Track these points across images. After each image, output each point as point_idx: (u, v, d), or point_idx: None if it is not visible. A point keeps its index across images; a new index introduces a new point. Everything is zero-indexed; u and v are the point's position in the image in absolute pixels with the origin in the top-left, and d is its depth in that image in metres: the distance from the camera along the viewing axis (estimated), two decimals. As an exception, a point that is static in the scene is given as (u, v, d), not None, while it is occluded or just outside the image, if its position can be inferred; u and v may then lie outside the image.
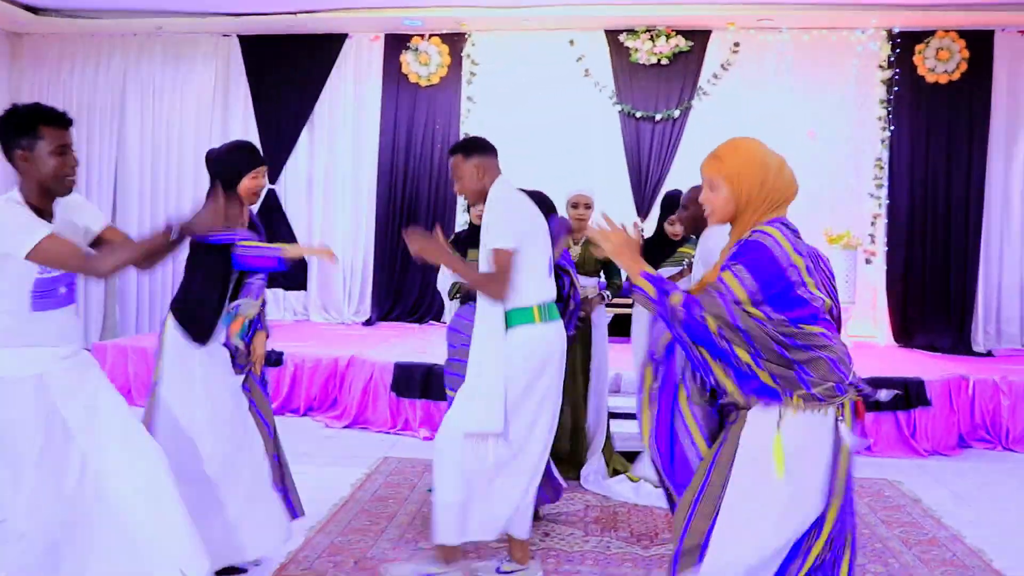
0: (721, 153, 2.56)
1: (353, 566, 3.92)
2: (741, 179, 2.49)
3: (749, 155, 2.53)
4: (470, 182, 3.70)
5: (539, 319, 3.62)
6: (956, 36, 8.22)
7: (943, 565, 4.06)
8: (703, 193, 2.60)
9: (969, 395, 6.35)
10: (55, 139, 2.79)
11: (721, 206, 2.54)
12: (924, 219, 8.36)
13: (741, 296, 2.40)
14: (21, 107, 2.83)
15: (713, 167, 2.54)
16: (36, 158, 2.78)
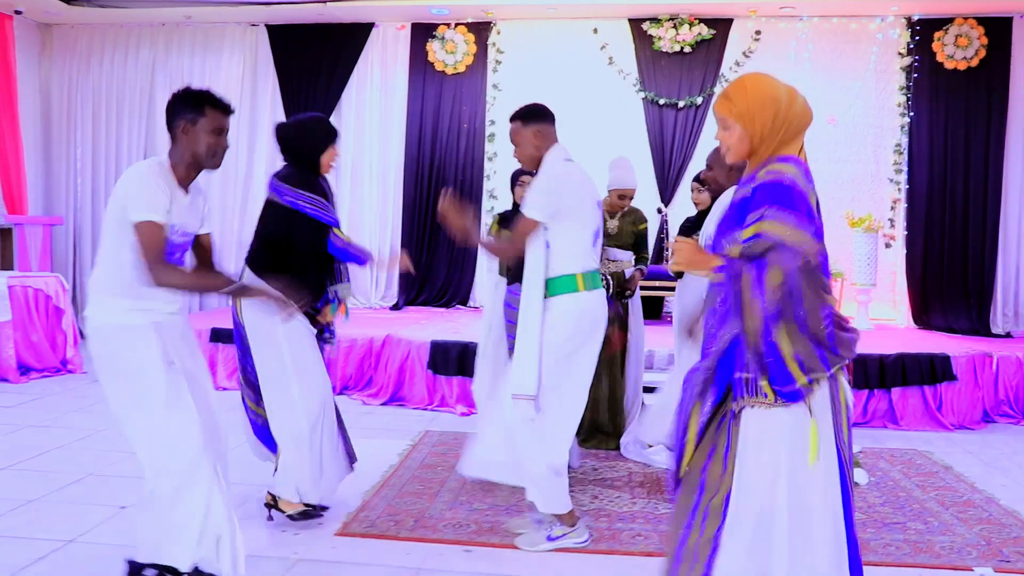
0: (731, 93, 2.61)
1: (413, 524, 4.08)
2: (753, 116, 2.54)
3: (758, 91, 2.58)
4: (527, 148, 3.83)
5: (583, 287, 3.76)
6: (975, 23, 8.36)
7: (981, 523, 4.21)
8: (718, 132, 2.65)
9: (993, 371, 6.50)
10: (215, 120, 3.05)
11: (736, 144, 2.60)
12: (943, 203, 8.50)
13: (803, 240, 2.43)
14: (195, 89, 3.10)
15: (724, 107, 2.60)
16: (195, 132, 3.01)
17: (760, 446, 2.46)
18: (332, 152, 3.94)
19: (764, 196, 2.46)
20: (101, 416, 6.06)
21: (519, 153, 3.89)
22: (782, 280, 2.39)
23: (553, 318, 3.71)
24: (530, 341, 3.70)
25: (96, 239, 9.33)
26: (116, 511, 4.16)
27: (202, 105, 3.05)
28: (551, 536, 3.85)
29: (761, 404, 2.46)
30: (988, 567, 3.67)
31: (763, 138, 2.53)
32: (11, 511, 4.13)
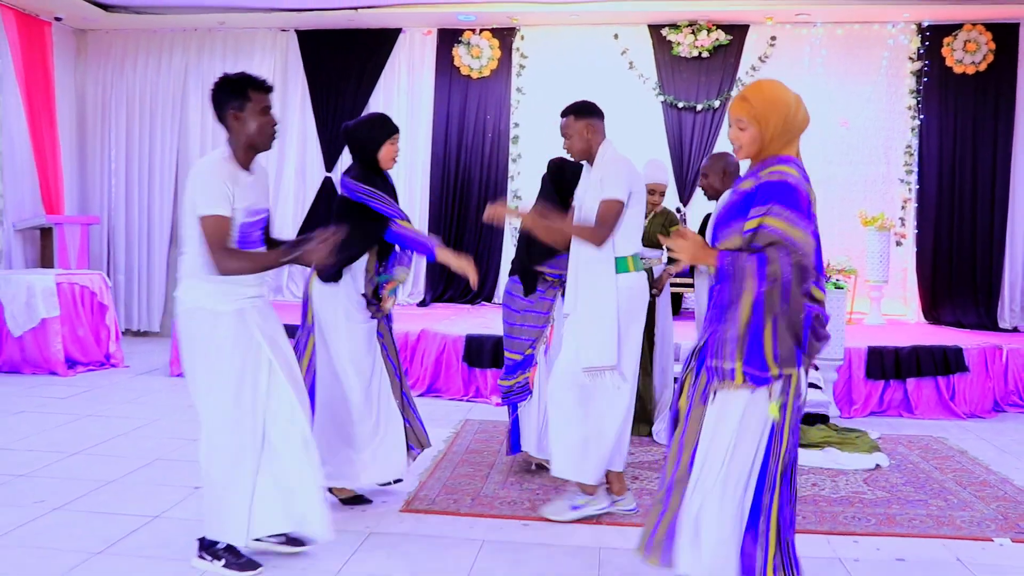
0: (748, 95, 2.96)
1: (471, 502, 4.39)
2: (767, 118, 2.91)
3: (773, 95, 2.94)
4: (578, 141, 4.11)
5: (632, 268, 4.07)
6: (983, 29, 8.65)
7: (997, 500, 4.52)
8: (732, 132, 2.98)
9: (1003, 363, 6.81)
10: (260, 101, 3.34)
11: (749, 143, 2.95)
12: (952, 203, 8.79)
13: (802, 238, 2.78)
14: (232, 75, 3.36)
15: (742, 108, 2.95)
16: (245, 117, 3.29)
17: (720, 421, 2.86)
18: (390, 147, 4.16)
19: (770, 194, 2.81)
20: (154, 407, 6.38)
21: (570, 145, 4.14)
22: (779, 275, 2.73)
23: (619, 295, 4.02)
24: (605, 315, 3.97)
25: (129, 238, 9.71)
26: (191, 491, 4.47)
27: (245, 90, 3.33)
28: (574, 505, 4.17)
29: (730, 387, 2.85)
30: (1006, 538, 3.99)
31: (773, 138, 2.90)
32: (95, 490, 4.44)
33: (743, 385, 2.83)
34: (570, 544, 3.87)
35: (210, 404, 3.34)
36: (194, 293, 3.33)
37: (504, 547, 3.83)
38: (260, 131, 3.34)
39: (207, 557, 3.46)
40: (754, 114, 2.90)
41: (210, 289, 3.31)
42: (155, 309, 9.86)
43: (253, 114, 3.32)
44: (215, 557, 3.44)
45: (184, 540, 3.76)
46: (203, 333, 3.31)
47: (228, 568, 3.42)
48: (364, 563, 3.59)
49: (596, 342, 3.96)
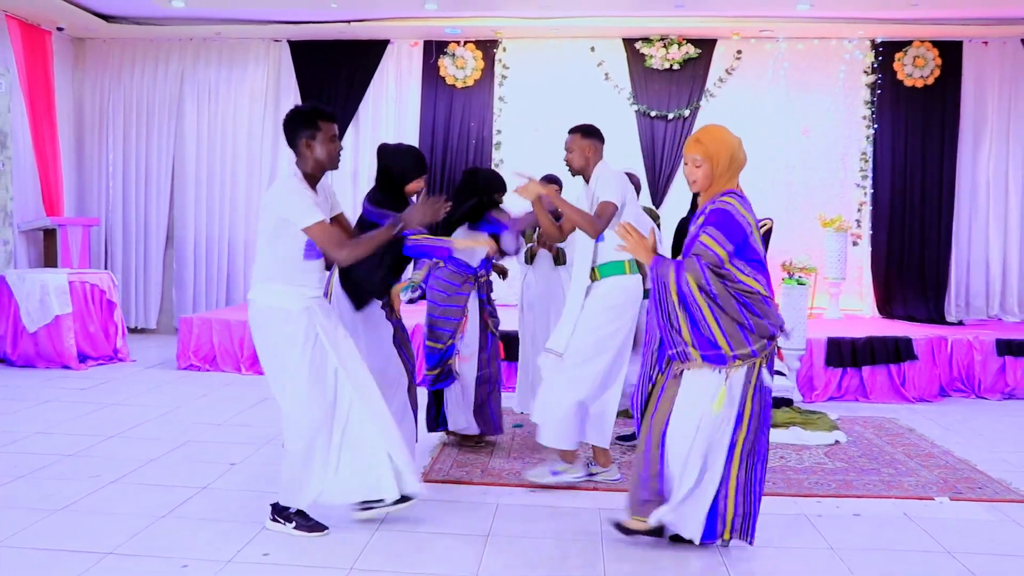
0: (701, 137, 3.77)
1: (481, 473, 4.96)
2: (718, 156, 3.70)
3: (722, 137, 3.76)
4: (579, 158, 4.64)
5: (628, 271, 4.63)
6: (931, 46, 9.37)
7: (940, 468, 5.18)
8: (687, 169, 3.78)
9: (948, 352, 7.50)
10: (329, 130, 3.84)
11: (703, 178, 3.74)
12: (903, 206, 9.49)
13: (720, 252, 3.55)
14: (303, 107, 3.88)
15: (697, 148, 3.73)
16: (315, 145, 3.80)
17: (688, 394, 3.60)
18: (418, 182, 4.73)
19: (707, 221, 3.65)
20: (171, 396, 6.87)
21: (570, 158, 4.67)
22: (696, 279, 3.52)
23: (603, 294, 4.57)
24: (572, 312, 4.57)
25: (127, 239, 10.13)
26: (228, 467, 4.98)
27: (316, 120, 3.82)
28: (554, 471, 4.75)
29: (693, 366, 3.60)
30: (945, 496, 4.64)
31: (721, 174, 3.68)
32: (141, 467, 4.94)
33: (704, 364, 3.57)
34: (573, 506, 4.45)
35: (287, 389, 3.84)
36: (267, 294, 3.84)
37: (516, 509, 4.40)
38: (328, 156, 3.85)
39: (280, 520, 3.97)
40: (707, 153, 3.69)
41: (280, 290, 3.83)
42: (152, 307, 10.28)
43: (323, 142, 3.81)
44: (287, 520, 3.95)
45: (234, 506, 4.29)
46: (277, 328, 3.81)
47: (298, 529, 3.94)
48: (398, 521, 4.12)
49: (560, 330, 4.54)
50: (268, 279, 3.87)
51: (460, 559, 3.72)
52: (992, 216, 9.54)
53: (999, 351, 7.47)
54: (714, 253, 3.55)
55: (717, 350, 3.56)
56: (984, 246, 9.56)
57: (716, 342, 3.55)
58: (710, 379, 3.61)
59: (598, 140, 4.69)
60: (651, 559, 3.74)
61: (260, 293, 3.88)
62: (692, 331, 3.57)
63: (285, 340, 3.80)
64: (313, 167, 3.84)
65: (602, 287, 4.59)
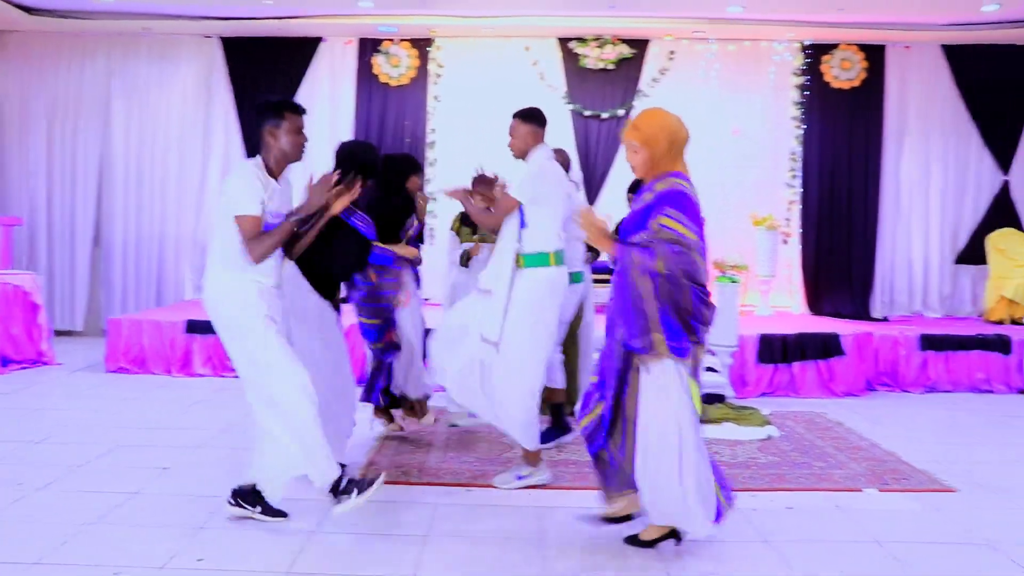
0: (638, 123, 3.74)
1: (419, 473, 4.95)
2: (655, 141, 3.67)
3: (659, 120, 3.73)
4: (519, 142, 4.71)
5: (553, 263, 4.66)
6: (856, 49, 9.60)
7: (867, 460, 5.32)
8: (627, 154, 3.76)
9: (874, 348, 7.70)
10: (294, 122, 3.88)
11: (642, 163, 3.73)
12: (831, 206, 9.71)
13: (688, 234, 3.50)
14: (273, 99, 3.91)
15: (634, 135, 3.72)
16: (280, 134, 3.83)
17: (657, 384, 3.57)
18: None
19: (664, 201, 3.55)
20: (99, 400, 6.73)
21: (512, 144, 4.75)
22: (666, 266, 3.41)
23: (528, 285, 4.59)
24: (501, 297, 4.57)
25: (51, 239, 9.89)
26: (160, 471, 4.89)
27: (283, 111, 3.88)
28: (519, 475, 4.76)
29: (657, 358, 3.54)
30: (873, 488, 4.77)
31: (662, 157, 3.64)
32: (69, 473, 4.82)
33: (667, 355, 3.52)
34: (513, 505, 4.46)
35: (252, 371, 3.85)
36: (220, 280, 3.85)
37: (456, 508, 4.39)
38: (292, 147, 3.89)
39: (244, 505, 4.00)
40: (644, 138, 3.65)
41: (235, 276, 3.83)
42: (79, 308, 10.02)
43: (288, 132, 3.86)
44: (252, 504, 4.00)
45: (166, 511, 4.21)
46: (233, 313, 3.83)
47: (264, 514, 3.99)
48: (335, 523, 4.08)
49: (492, 317, 4.57)
50: (223, 268, 3.88)
51: (399, 560, 3.71)
52: (914, 215, 9.81)
53: (922, 346, 7.69)
54: (684, 237, 3.49)
55: (681, 341, 3.52)
56: (907, 244, 9.83)
57: (677, 333, 3.52)
58: (673, 371, 3.57)
59: (537, 124, 4.73)
60: (590, 556, 3.78)
61: (214, 281, 3.90)
62: (661, 320, 3.52)
63: (247, 317, 3.82)
64: (277, 158, 3.88)
65: (526, 279, 4.58)
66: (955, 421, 6.59)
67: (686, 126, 3.70)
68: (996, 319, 8.94)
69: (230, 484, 4.16)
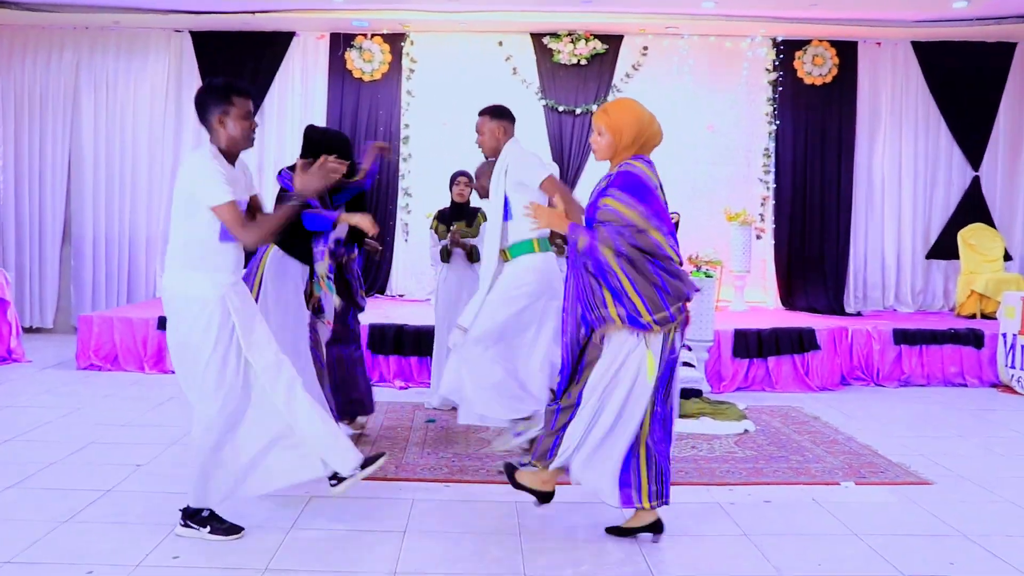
0: (608, 108, 3.76)
1: (395, 469, 4.91)
2: (622, 129, 3.67)
3: (628, 110, 3.73)
4: (489, 139, 4.72)
5: (538, 249, 4.66)
6: (828, 45, 9.66)
7: (844, 454, 5.34)
8: (592, 137, 3.77)
9: (848, 342, 7.74)
10: (243, 106, 3.70)
11: (605, 148, 3.74)
12: (804, 201, 9.78)
13: (631, 215, 3.49)
14: (216, 81, 3.72)
15: (602, 119, 3.74)
16: (228, 120, 3.67)
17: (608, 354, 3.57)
18: None
19: (614, 182, 3.54)
20: (70, 398, 6.62)
21: (482, 141, 4.75)
22: (611, 246, 3.45)
23: (517, 273, 4.60)
24: (481, 291, 4.61)
25: (20, 234, 9.73)
26: (134, 468, 4.82)
27: (229, 96, 3.67)
28: (516, 433, 4.79)
29: (612, 328, 3.55)
30: (850, 481, 4.79)
31: (626, 147, 3.66)
32: (42, 470, 4.73)
33: (623, 326, 3.53)
34: (490, 499, 4.44)
35: (198, 381, 3.69)
36: (181, 282, 3.68)
37: (433, 504, 4.36)
38: (243, 133, 3.70)
39: (192, 525, 3.81)
40: (611, 124, 3.65)
41: (198, 278, 3.66)
42: (48, 305, 9.89)
43: (236, 118, 3.67)
44: (200, 524, 3.80)
45: (140, 509, 4.15)
46: (191, 320, 3.65)
47: (214, 533, 3.79)
48: (312, 521, 4.06)
49: (471, 307, 4.61)
50: (182, 265, 3.71)
51: (377, 557, 3.67)
52: (887, 211, 9.89)
53: (896, 340, 7.74)
54: (623, 217, 3.49)
55: (638, 317, 3.51)
56: (880, 239, 9.91)
57: (636, 308, 3.50)
58: (630, 341, 3.57)
59: (507, 120, 4.74)
60: (569, 551, 3.76)
61: (173, 280, 3.72)
62: (614, 300, 3.52)
63: (199, 332, 3.65)
64: (227, 144, 3.71)
65: (511, 268, 4.61)
66: (930, 414, 6.63)
67: (660, 126, 3.69)
68: (967, 313, 9.03)
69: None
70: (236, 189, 3.68)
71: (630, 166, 3.57)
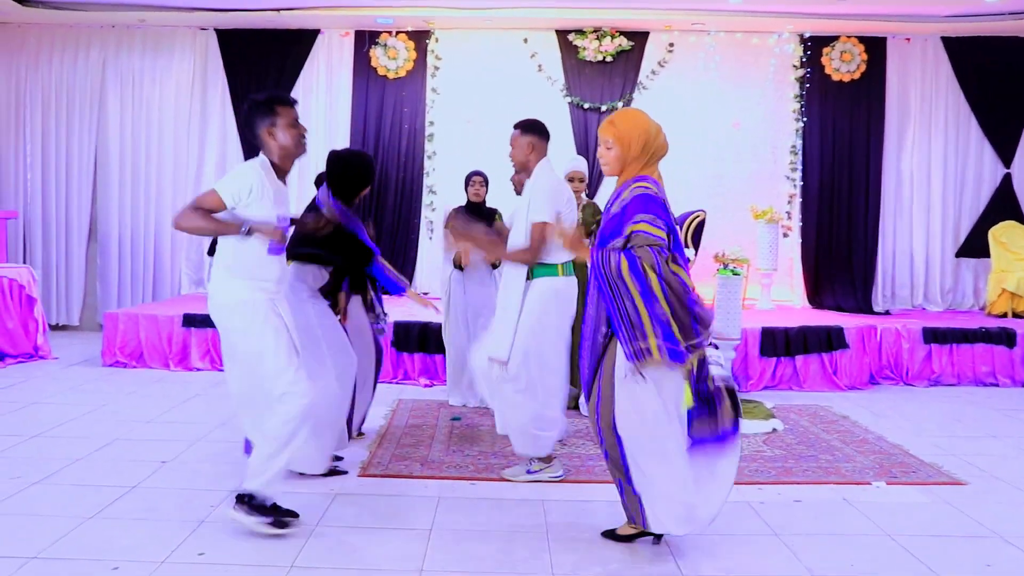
0: (615, 119, 3.64)
1: (420, 467, 4.88)
2: (629, 141, 3.56)
3: (636, 122, 3.60)
4: (520, 153, 4.61)
5: (561, 273, 4.58)
6: (856, 41, 9.54)
7: (874, 454, 5.26)
8: (600, 150, 3.66)
9: (878, 341, 7.64)
10: (288, 115, 3.71)
11: (613, 160, 3.62)
12: (832, 198, 9.66)
13: (662, 235, 3.40)
14: (259, 96, 3.73)
15: (609, 131, 3.62)
16: (277, 132, 3.67)
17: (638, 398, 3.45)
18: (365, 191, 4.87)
19: (635, 207, 3.41)
20: (96, 394, 6.64)
21: (513, 155, 4.66)
22: (652, 265, 3.33)
23: (535, 296, 4.52)
24: (509, 317, 4.50)
25: (47, 233, 9.78)
26: (159, 465, 4.82)
27: (273, 106, 3.69)
28: (530, 470, 4.69)
29: (652, 364, 3.40)
30: (882, 481, 4.71)
31: (634, 159, 3.55)
32: (67, 467, 4.74)
33: (662, 361, 3.39)
34: (516, 498, 4.40)
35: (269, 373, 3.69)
36: (226, 290, 3.71)
37: (458, 502, 4.33)
38: (294, 142, 3.72)
39: (255, 513, 3.75)
40: (618, 135, 3.55)
41: (240, 285, 3.70)
42: (74, 303, 9.93)
43: (283, 127, 3.69)
44: (264, 513, 3.76)
45: (166, 505, 4.14)
46: (242, 318, 3.68)
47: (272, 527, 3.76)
48: (339, 517, 4.04)
49: (500, 336, 4.47)
50: (228, 272, 3.75)
51: (404, 554, 3.64)
52: (915, 208, 9.76)
53: (925, 339, 7.64)
54: (658, 238, 3.38)
55: (675, 344, 3.36)
56: (909, 238, 9.78)
57: (676, 338, 3.36)
58: (668, 375, 3.45)
59: (536, 135, 4.62)
60: (597, 549, 3.72)
61: (219, 288, 3.76)
62: (653, 323, 3.36)
63: (256, 331, 3.69)
64: (280, 156, 3.73)
65: (535, 289, 4.51)
66: (961, 414, 6.52)
67: (665, 136, 3.59)
68: (998, 312, 8.89)
69: (229, 478, 4.10)
70: (279, 205, 3.70)
71: (641, 189, 3.46)
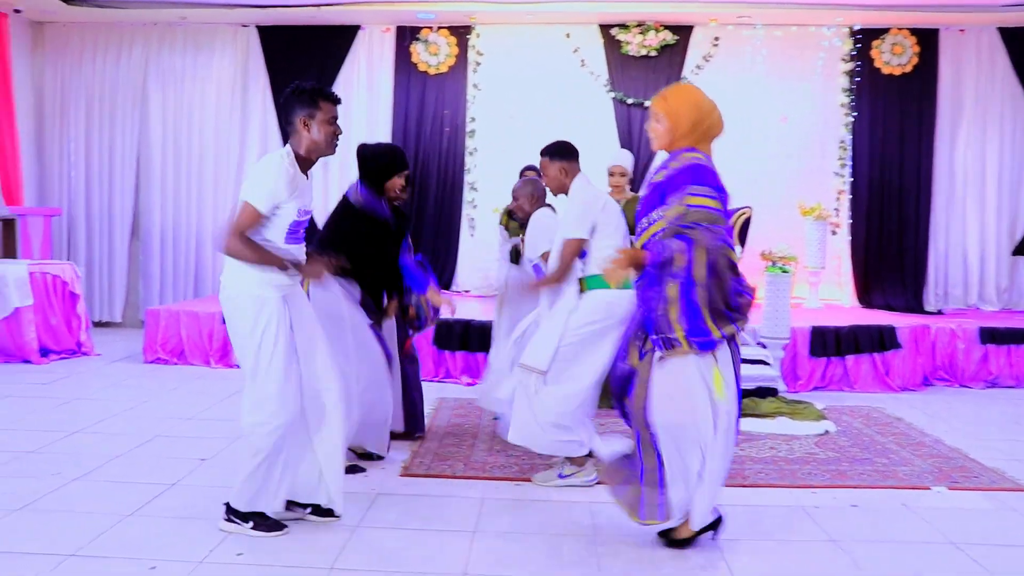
0: (667, 94, 3.53)
1: (464, 467, 4.77)
2: (679, 115, 3.44)
3: (689, 97, 3.49)
4: (553, 181, 4.50)
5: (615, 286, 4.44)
6: (908, 33, 9.30)
7: (932, 457, 5.07)
8: (649, 123, 3.53)
9: (931, 341, 7.41)
10: (329, 112, 3.60)
11: (662, 134, 3.51)
12: (882, 194, 9.43)
13: (717, 206, 3.29)
14: (305, 84, 3.62)
15: (660, 104, 3.51)
16: (313, 124, 3.57)
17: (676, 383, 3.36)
18: (397, 179, 4.68)
19: (685, 177, 3.33)
20: (137, 391, 6.62)
21: (548, 183, 4.56)
22: (706, 255, 3.20)
23: (586, 306, 4.37)
24: (554, 328, 4.35)
25: (90, 229, 9.84)
26: (198, 463, 4.76)
27: (316, 100, 3.58)
28: (561, 474, 4.54)
29: (679, 354, 3.32)
30: (942, 486, 4.52)
31: (683, 134, 3.45)
32: (106, 463, 4.70)
33: (689, 351, 3.33)
34: (564, 500, 4.28)
35: (260, 379, 3.58)
36: (241, 281, 3.57)
37: (504, 503, 4.21)
38: (326, 138, 3.60)
39: (235, 520, 3.70)
40: (668, 109, 3.45)
41: (255, 277, 3.56)
42: (117, 299, 9.97)
43: (321, 122, 3.57)
44: (243, 519, 3.68)
45: (204, 503, 4.06)
46: (251, 316, 3.55)
47: (256, 529, 3.68)
48: (380, 517, 3.95)
49: (542, 346, 4.32)
50: (241, 266, 3.60)
51: (447, 557, 3.53)
52: (969, 205, 9.49)
53: (982, 339, 7.40)
54: (712, 210, 3.29)
55: (707, 336, 3.32)
56: (962, 235, 9.51)
57: (706, 328, 3.31)
58: (699, 363, 3.38)
59: (566, 159, 4.48)
60: (647, 554, 3.58)
61: (233, 279, 3.62)
62: (680, 317, 3.31)
63: (259, 331, 3.55)
64: (308, 148, 3.61)
65: (588, 301, 4.37)
66: (1021, 417, 6.29)
67: (720, 115, 3.45)
68: (1056, 312, 8.62)
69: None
70: (300, 197, 3.60)
71: (692, 159, 3.36)
